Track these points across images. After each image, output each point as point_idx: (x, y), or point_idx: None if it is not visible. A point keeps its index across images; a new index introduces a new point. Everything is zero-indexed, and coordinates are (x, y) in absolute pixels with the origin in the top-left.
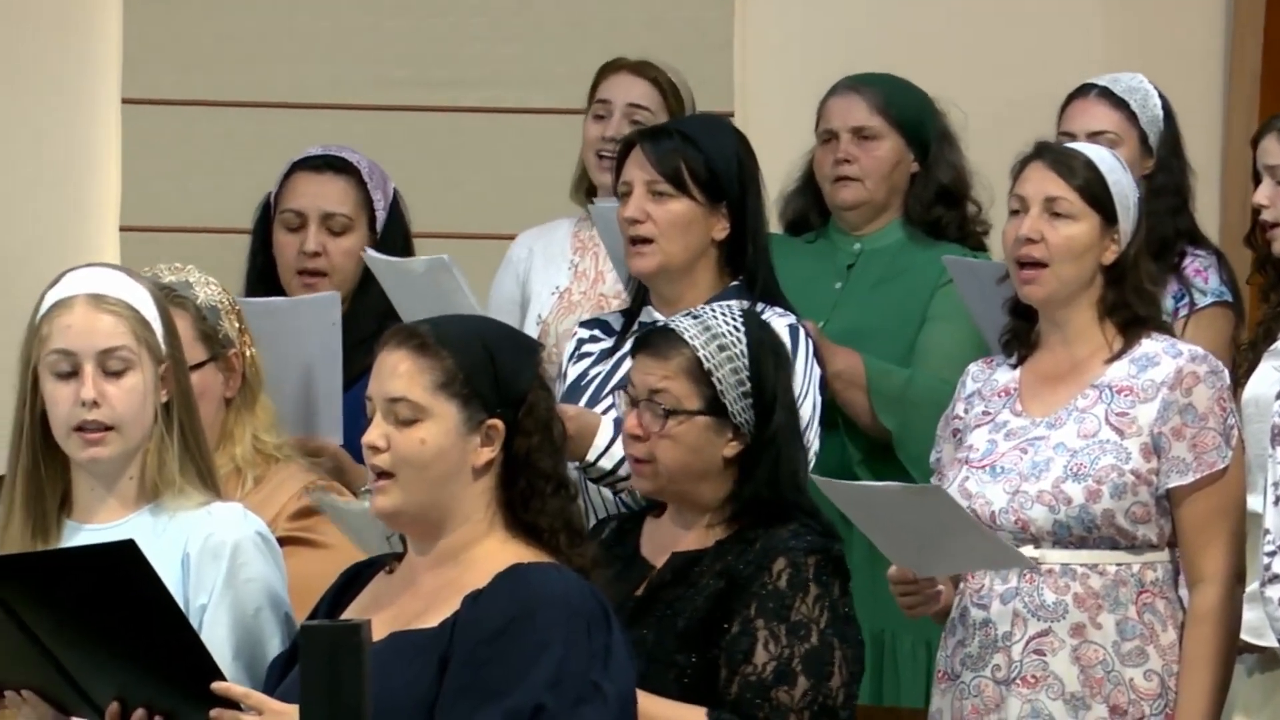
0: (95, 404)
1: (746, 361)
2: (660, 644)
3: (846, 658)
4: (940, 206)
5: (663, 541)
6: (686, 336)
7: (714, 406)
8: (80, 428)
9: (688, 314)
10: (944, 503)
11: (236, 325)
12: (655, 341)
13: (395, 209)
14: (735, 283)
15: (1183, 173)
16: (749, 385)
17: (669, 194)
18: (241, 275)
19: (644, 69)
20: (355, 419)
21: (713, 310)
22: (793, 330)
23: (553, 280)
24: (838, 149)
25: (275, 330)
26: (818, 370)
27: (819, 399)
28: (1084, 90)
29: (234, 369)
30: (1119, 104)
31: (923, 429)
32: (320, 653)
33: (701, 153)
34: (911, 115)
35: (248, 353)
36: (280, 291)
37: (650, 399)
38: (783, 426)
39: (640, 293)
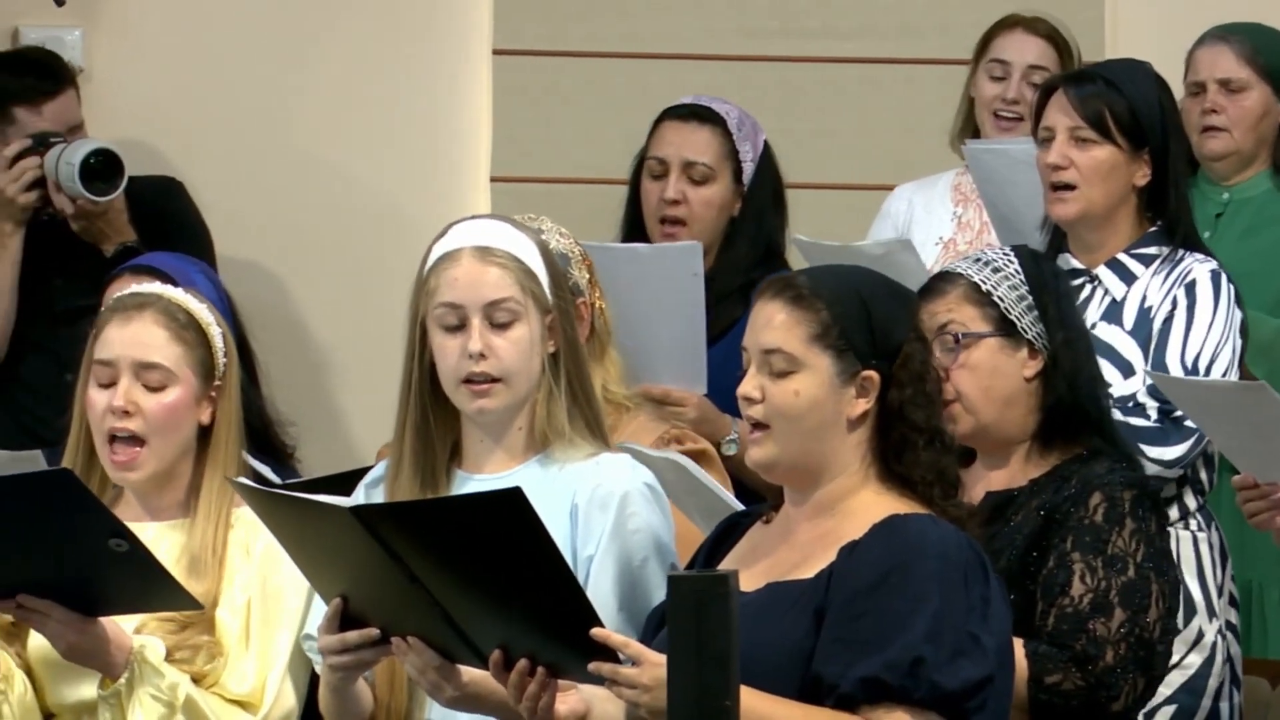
0: (483, 356)
1: (1023, 278)
2: None
3: (1163, 592)
4: None
5: (972, 482)
6: (959, 270)
7: (1002, 326)
8: (469, 380)
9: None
10: (1268, 401)
11: (586, 275)
12: (931, 284)
13: (765, 161)
14: (1154, 229)
15: None
16: (1031, 299)
17: (1092, 140)
18: (611, 224)
19: (1037, 26)
20: (721, 371)
21: (978, 250)
22: (1214, 275)
23: (935, 231)
24: (1205, 100)
25: (638, 277)
26: (1238, 314)
27: (1239, 344)
28: None
29: (583, 319)
30: None
31: None
32: (688, 603)
33: (1125, 98)
34: None
35: (597, 303)
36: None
37: (939, 334)
38: (1072, 340)
39: (1056, 238)
